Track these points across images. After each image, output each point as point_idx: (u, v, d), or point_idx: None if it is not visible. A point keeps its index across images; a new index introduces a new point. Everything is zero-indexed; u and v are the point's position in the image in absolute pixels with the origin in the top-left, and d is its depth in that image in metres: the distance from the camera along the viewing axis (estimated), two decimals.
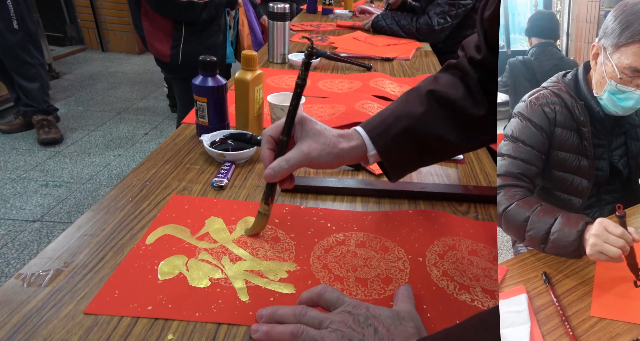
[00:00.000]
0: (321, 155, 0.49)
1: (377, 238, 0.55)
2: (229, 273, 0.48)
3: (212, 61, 0.75)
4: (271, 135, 0.50)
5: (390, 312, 0.39)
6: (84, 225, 0.55)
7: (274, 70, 1.23)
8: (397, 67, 1.33)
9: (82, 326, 0.40)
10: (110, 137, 2.44)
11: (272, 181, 0.49)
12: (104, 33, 3.95)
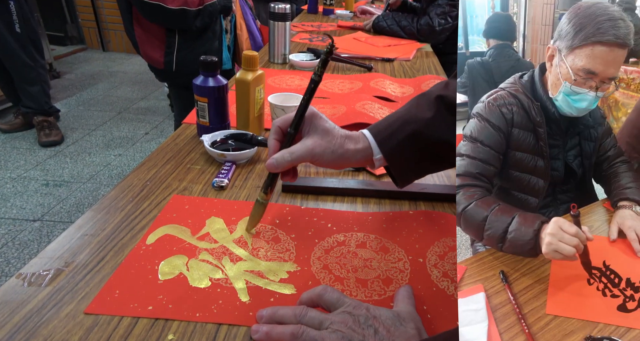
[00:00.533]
0: (325, 153, 0.49)
1: (378, 238, 0.55)
2: (229, 274, 0.48)
3: (213, 61, 0.75)
4: (280, 126, 0.51)
5: (391, 313, 0.39)
6: (85, 225, 0.55)
7: (274, 70, 1.23)
8: (397, 68, 1.33)
9: (83, 326, 0.40)
10: (111, 136, 2.44)
11: (273, 171, 0.50)
12: (104, 33, 3.95)
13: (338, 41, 1.58)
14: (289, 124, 0.51)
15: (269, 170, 0.50)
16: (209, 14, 1.54)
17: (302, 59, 1.27)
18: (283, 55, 1.29)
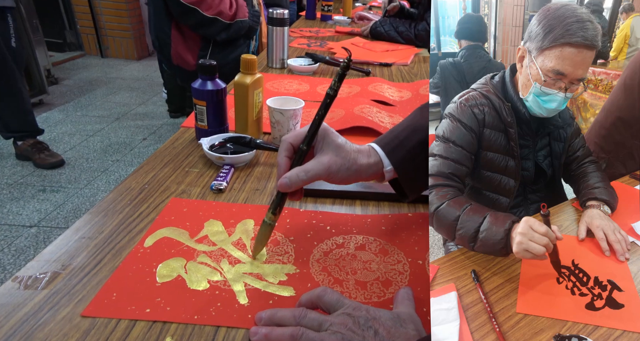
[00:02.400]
0: (340, 170, 0.47)
1: (377, 241, 0.54)
2: (228, 276, 0.47)
3: (211, 65, 0.75)
4: (291, 143, 0.49)
5: (391, 314, 0.39)
6: (82, 228, 0.54)
7: (273, 75, 1.23)
8: (395, 73, 1.34)
9: (80, 329, 0.40)
10: (109, 142, 2.44)
11: (286, 191, 0.47)
12: (103, 39, 3.97)
13: (335, 46, 1.59)
14: (300, 140, 0.48)
15: (281, 190, 0.47)
16: (238, 29, 1.58)
17: (301, 63, 1.28)
18: (281, 60, 1.30)
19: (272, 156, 0.77)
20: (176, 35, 1.58)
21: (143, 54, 4.10)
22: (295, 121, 0.80)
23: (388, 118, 0.93)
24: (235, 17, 1.55)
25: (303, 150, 0.48)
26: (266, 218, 0.49)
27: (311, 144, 0.48)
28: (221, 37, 1.55)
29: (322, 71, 1.31)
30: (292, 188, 0.47)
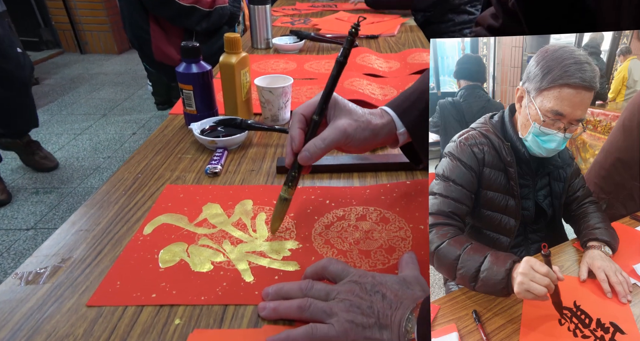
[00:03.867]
0: (357, 131, 0.47)
1: (377, 210, 0.54)
2: (231, 256, 0.47)
3: (194, 47, 0.73)
4: (303, 114, 0.47)
5: (397, 278, 0.39)
6: (78, 221, 0.53)
7: (258, 56, 1.20)
8: (382, 44, 1.31)
9: (87, 318, 0.40)
10: (98, 139, 2.40)
11: (307, 163, 0.47)
12: (80, 34, 3.85)
13: (320, 22, 1.56)
14: (311, 111, 0.47)
15: (302, 163, 0.47)
16: (218, 17, 1.49)
17: (286, 42, 1.25)
18: (266, 40, 1.27)
19: (264, 136, 0.76)
20: (155, 29, 1.49)
21: (124, 47, 3.99)
22: (285, 99, 0.78)
23: (379, 90, 0.92)
24: (215, 4, 1.46)
25: (315, 120, 0.47)
26: (282, 192, 0.49)
27: (323, 114, 0.47)
28: (202, 26, 1.47)
29: (308, 48, 1.28)
30: (313, 159, 0.46)
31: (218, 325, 0.39)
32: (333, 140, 0.46)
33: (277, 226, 0.50)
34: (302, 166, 0.48)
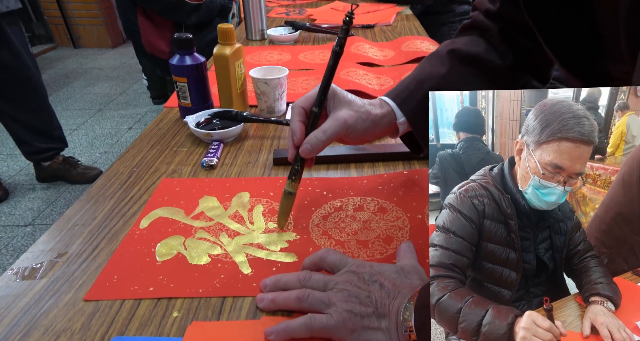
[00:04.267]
0: (358, 122, 0.46)
1: (375, 200, 0.54)
2: (228, 249, 0.47)
3: (187, 39, 0.72)
4: (303, 107, 0.47)
5: (395, 267, 0.39)
6: (74, 216, 0.53)
7: (252, 47, 1.19)
8: (379, 34, 1.30)
9: (84, 312, 0.39)
10: (94, 135, 2.38)
11: (309, 156, 0.46)
12: (73, 28, 3.80)
13: (315, 12, 1.54)
14: (311, 103, 0.47)
15: (304, 156, 0.46)
16: (208, 10, 1.45)
17: (281, 33, 1.23)
18: (261, 31, 1.25)
19: (260, 128, 0.75)
20: (144, 22, 1.46)
21: (117, 41, 3.95)
22: (281, 90, 0.77)
23: (375, 80, 0.91)
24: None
25: (315, 113, 0.47)
26: (287, 186, 0.49)
27: (323, 106, 0.47)
28: (192, 20, 1.43)
29: (303, 39, 1.27)
30: (315, 152, 0.46)
31: (216, 317, 0.39)
32: (334, 132, 0.46)
33: (284, 221, 0.50)
34: (304, 159, 0.47)
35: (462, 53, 0.50)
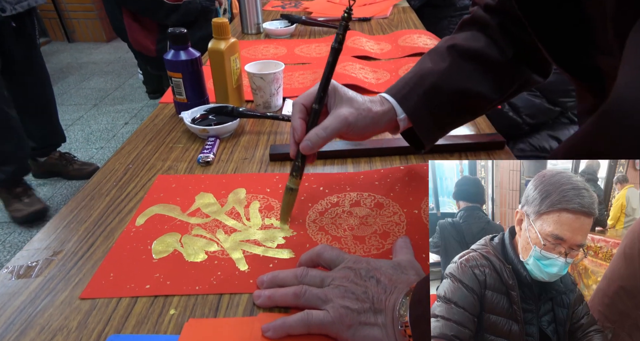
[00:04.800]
0: (358, 119, 0.46)
1: (371, 196, 0.54)
2: (225, 245, 0.47)
3: (182, 33, 0.71)
4: (303, 104, 0.47)
5: (391, 263, 0.39)
6: (69, 214, 0.53)
7: (247, 41, 1.18)
8: (375, 27, 1.29)
9: (80, 311, 0.39)
10: (90, 130, 2.37)
11: (309, 152, 0.46)
12: (67, 22, 3.75)
13: (311, 5, 1.52)
14: (311, 100, 0.47)
15: (304, 152, 0.46)
16: (187, 11, 1.42)
17: (277, 26, 1.22)
18: (257, 25, 1.24)
19: (257, 123, 0.75)
20: (130, 20, 1.44)
21: (112, 35, 3.90)
22: (277, 85, 0.77)
23: (372, 74, 0.91)
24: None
25: (316, 109, 0.47)
26: (289, 183, 0.49)
27: (323, 102, 0.47)
28: (171, 20, 1.40)
29: (299, 32, 1.26)
30: (315, 149, 0.46)
31: (213, 314, 0.39)
32: (335, 129, 0.45)
33: (287, 217, 0.50)
34: (305, 155, 0.47)
35: (462, 48, 0.50)
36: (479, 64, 0.49)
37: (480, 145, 0.63)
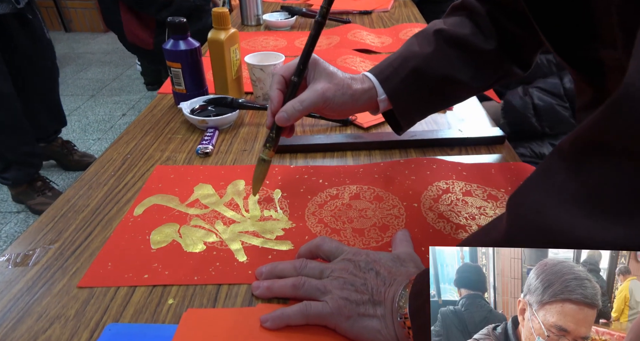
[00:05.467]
0: (336, 95, 0.46)
1: (371, 189, 0.54)
2: (223, 236, 0.47)
3: (181, 23, 0.70)
4: (282, 75, 0.47)
5: (391, 255, 0.39)
6: (66, 203, 0.52)
7: (247, 33, 1.17)
8: (376, 20, 1.28)
9: (78, 299, 0.39)
10: (87, 121, 2.35)
11: (285, 124, 0.46)
12: (64, 12, 3.70)
13: None
14: (291, 72, 0.47)
15: (279, 124, 0.46)
16: (179, 7, 1.39)
17: (277, 18, 1.21)
18: (256, 16, 1.23)
19: (256, 115, 0.74)
20: (127, 14, 1.41)
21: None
22: None
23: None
24: None
25: (295, 82, 0.47)
26: (262, 154, 0.49)
27: (303, 76, 0.47)
28: (162, 16, 1.37)
29: (299, 24, 1.25)
30: (291, 121, 0.46)
31: (212, 305, 0.39)
32: (311, 103, 0.45)
33: (258, 188, 0.50)
34: (281, 128, 0.48)
35: (448, 34, 0.50)
36: (463, 51, 0.49)
37: (480, 140, 0.63)
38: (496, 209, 0.50)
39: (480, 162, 0.59)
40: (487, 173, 0.56)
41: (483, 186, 0.54)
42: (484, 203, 0.51)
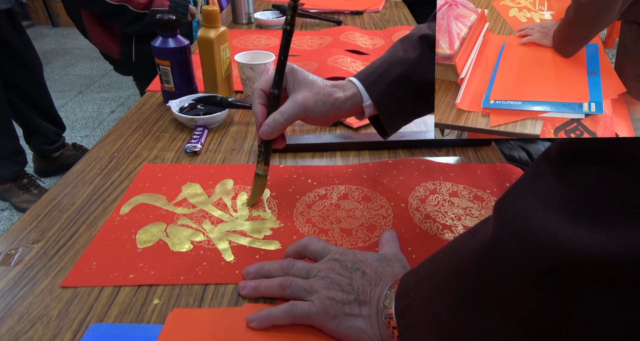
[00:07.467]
0: (317, 105, 0.46)
1: (359, 189, 0.54)
2: (211, 236, 0.47)
3: (170, 20, 0.69)
4: (262, 89, 0.47)
5: (377, 255, 0.39)
6: (51, 201, 0.52)
7: (238, 31, 1.16)
8: (367, 21, 1.28)
9: (61, 299, 0.39)
10: (75, 118, 2.31)
11: (269, 137, 0.47)
12: (52, 5, 3.64)
13: None
14: (270, 85, 0.47)
15: (263, 138, 0.47)
16: (151, 24, 1.27)
17: (269, 17, 1.21)
18: (248, 15, 1.22)
19: (246, 114, 0.74)
20: (90, 22, 1.33)
21: None
22: None
23: (363, 68, 0.90)
24: (151, 6, 1.28)
25: (275, 94, 0.47)
26: (258, 170, 0.49)
27: (281, 87, 0.47)
28: (133, 28, 1.29)
29: None
30: (274, 133, 0.46)
31: (198, 304, 0.39)
32: (292, 114, 0.45)
33: (254, 200, 0.51)
34: (269, 141, 0.48)
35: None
36: None
37: (467, 141, 0.64)
38: (482, 210, 0.51)
39: (467, 163, 0.60)
40: (473, 174, 0.57)
41: (469, 187, 0.55)
42: (470, 203, 0.52)
